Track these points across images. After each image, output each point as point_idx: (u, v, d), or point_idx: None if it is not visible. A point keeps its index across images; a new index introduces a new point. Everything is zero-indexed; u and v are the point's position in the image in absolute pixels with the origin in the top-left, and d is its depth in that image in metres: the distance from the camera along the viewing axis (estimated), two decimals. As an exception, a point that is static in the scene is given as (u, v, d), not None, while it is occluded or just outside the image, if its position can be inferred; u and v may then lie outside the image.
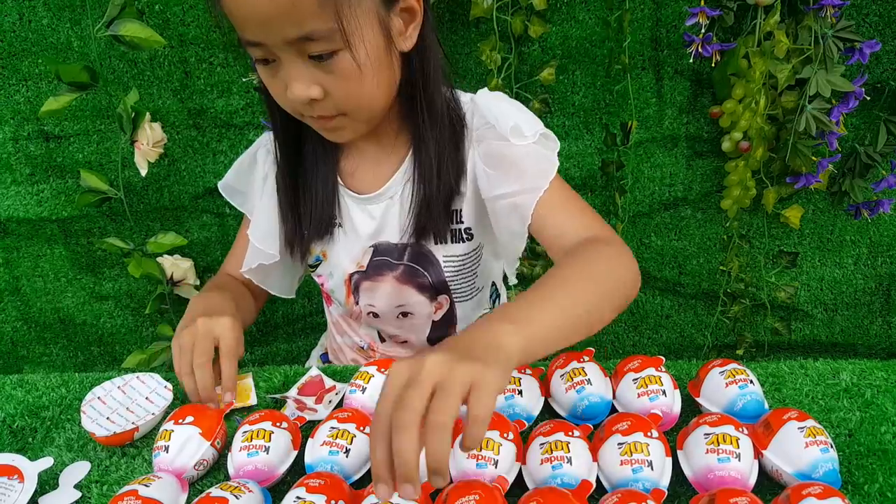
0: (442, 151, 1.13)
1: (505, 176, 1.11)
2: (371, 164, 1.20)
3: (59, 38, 1.51)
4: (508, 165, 1.11)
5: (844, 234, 1.69)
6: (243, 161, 1.28)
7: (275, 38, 0.93)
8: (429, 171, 1.13)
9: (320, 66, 0.96)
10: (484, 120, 1.14)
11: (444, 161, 1.14)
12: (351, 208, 1.21)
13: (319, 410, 1.02)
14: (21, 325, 1.87)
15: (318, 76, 0.97)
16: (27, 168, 1.64)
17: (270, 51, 0.95)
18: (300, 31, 0.91)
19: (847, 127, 1.54)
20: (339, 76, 0.97)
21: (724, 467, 0.79)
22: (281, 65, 0.97)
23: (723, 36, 1.44)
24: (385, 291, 1.24)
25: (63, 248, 1.75)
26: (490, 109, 1.14)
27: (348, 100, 1.01)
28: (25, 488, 0.86)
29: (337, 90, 0.99)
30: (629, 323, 1.86)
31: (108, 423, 0.98)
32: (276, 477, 0.86)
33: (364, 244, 1.22)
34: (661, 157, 1.64)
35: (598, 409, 0.93)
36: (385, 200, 1.19)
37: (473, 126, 1.16)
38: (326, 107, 1.01)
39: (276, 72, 0.99)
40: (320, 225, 1.21)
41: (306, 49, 0.94)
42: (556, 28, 1.50)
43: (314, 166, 1.19)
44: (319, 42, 0.93)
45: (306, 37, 0.92)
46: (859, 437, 0.90)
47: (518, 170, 1.10)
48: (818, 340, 1.84)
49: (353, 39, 0.94)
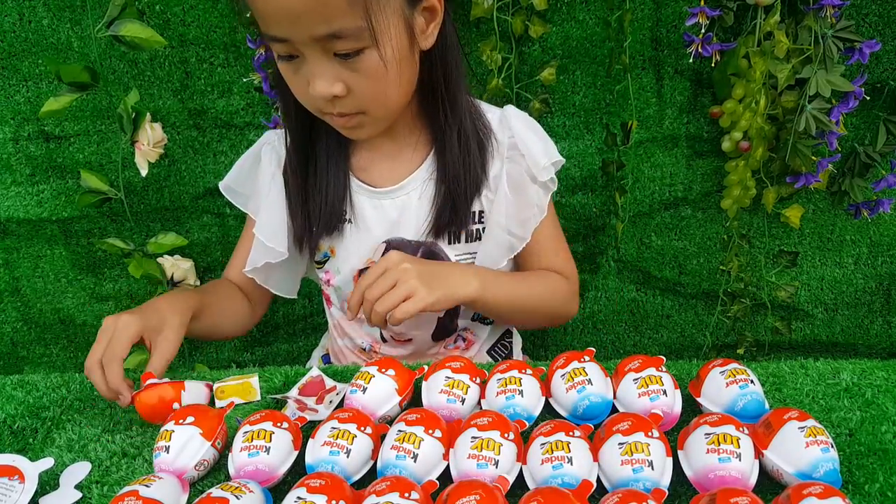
0: (466, 153, 1.16)
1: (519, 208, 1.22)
2: (386, 159, 1.21)
3: (59, 38, 1.51)
4: (526, 202, 1.23)
5: (845, 233, 1.70)
6: (245, 161, 1.29)
7: (302, 35, 0.94)
8: (453, 171, 1.17)
9: (345, 64, 0.98)
10: (514, 141, 1.21)
11: (469, 162, 1.17)
12: (363, 203, 1.22)
13: (320, 411, 1.02)
14: (21, 325, 1.87)
15: (341, 73, 0.99)
16: (27, 168, 1.64)
17: (295, 47, 0.96)
18: (329, 28, 0.93)
19: (847, 126, 1.54)
20: (364, 74, 0.99)
21: (725, 467, 0.79)
22: (304, 61, 0.98)
23: (723, 36, 1.44)
24: None
25: (63, 248, 1.75)
26: (521, 135, 1.21)
27: (370, 97, 1.03)
28: (26, 489, 0.87)
29: (360, 87, 1.01)
30: (630, 323, 1.86)
31: None
32: (277, 477, 0.86)
33: (375, 240, 1.23)
34: (662, 157, 1.64)
35: (598, 409, 0.93)
36: (402, 196, 1.21)
37: (503, 138, 1.21)
38: (348, 104, 1.03)
39: (298, 68, 1.00)
40: (330, 220, 1.22)
41: (333, 46, 0.96)
42: (556, 28, 1.50)
43: (325, 162, 1.20)
44: (347, 40, 0.95)
45: (334, 34, 0.94)
46: (860, 436, 0.90)
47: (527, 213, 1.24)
48: (819, 340, 1.84)
49: (381, 38, 0.96)
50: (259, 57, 1.47)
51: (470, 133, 1.18)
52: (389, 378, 0.99)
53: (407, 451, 0.83)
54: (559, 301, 1.30)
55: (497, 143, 1.21)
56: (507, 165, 1.20)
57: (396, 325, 1.09)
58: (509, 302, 1.21)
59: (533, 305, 1.25)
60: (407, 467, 0.83)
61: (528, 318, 1.32)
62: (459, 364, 1.00)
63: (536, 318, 1.33)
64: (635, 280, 1.80)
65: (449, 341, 1.35)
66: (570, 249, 1.35)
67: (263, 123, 1.59)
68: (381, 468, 0.84)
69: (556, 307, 1.31)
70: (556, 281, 1.30)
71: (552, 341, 1.90)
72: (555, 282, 1.30)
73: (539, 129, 1.25)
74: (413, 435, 0.85)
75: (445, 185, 1.18)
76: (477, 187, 1.20)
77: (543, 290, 1.27)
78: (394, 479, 0.78)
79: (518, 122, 1.22)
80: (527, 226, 1.24)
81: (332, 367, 1.15)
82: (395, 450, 0.84)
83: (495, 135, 1.22)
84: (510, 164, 1.20)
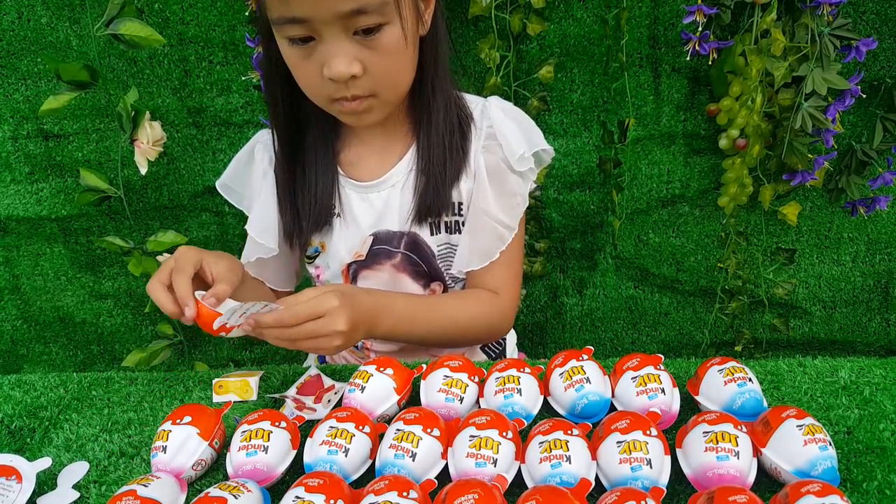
0: (448, 142, 1.18)
1: (499, 197, 1.21)
2: (375, 153, 1.22)
3: (58, 36, 1.51)
4: (506, 191, 1.21)
5: (842, 230, 1.70)
6: (240, 159, 1.29)
7: (325, 13, 0.95)
8: (436, 160, 1.18)
9: (363, 42, 1.00)
10: (493, 131, 1.20)
11: (450, 151, 1.18)
12: (351, 198, 1.22)
13: (318, 410, 1.02)
14: (21, 323, 1.87)
15: (359, 52, 1.00)
16: (26, 167, 1.64)
17: (313, 27, 0.97)
18: (354, 3, 0.94)
19: (844, 124, 1.55)
20: (381, 52, 1.01)
21: (723, 465, 0.79)
22: (321, 43, 0.99)
23: (720, 34, 1.45)
24: (382, 280, 1.26)
25: (63, 246, 1.75)
26: (499, 125, 1.21)
27: (385, 77, 1.05)
28: (24, 489, 0.86)
29: (377, 66, 1.02)
30: (628, 320, 1.87)
31: None
32: (276, 476, 0.86)
33: (364, 234, 1.23)
34: (659, 155, 1.64)
35: (596, 408, 0.93)
36: (387, 188, 1.22)
37: (482, 126, 1.21)
38: (362, 85, 1.04)
39: (311, 52, 1.01)
40: (319, 216, 1.22)
41: (355, 23, 0.97)
42: (554, 26, 1.50)
43: (314, 158, 1.21)
44: (371, 15, 0.97)
45: (359, 9, 0.95)
46: (858, 434, 0.90)
47: (510, 202, 1.22)
48: (817, 338, 1.85)
49: (404, 12, 0.99)
50: (258, 55, 1.47)
51: (452, 120, 1.19)
52: (388, 377, 0.99)
53: (405, 450, 0.83)
54: (483, 324, 1.27)
55: (476, 131, 1.22)
56: (485, 155, 1.21)
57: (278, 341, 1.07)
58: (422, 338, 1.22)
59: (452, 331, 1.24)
60: (405, 466, 0.83)
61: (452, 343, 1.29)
62: (458, 363, 1.00)
63: (462, 340, 1.30)
64: (633, 277, 1.80)
65: None
66: (569, 246, 1.35)
67: (262, 122, 1.59)
68: (380, 467, 0.84)
69: (480, 331, 1.29)
70: (483, 304, 1.26)
71: (550, 339, 1.90)
72: (481, 305, 1.26)
73: (523, 118, 1.25)
74: (411, 434, 0.85)
75: (427, 171, 1.19)
76: (457, 174, 1.21)
77: (468, 315, 1.24)
78: (392, 479, 0.78)
79: (497, 112, 1.23)
80: (511, 214, 1.23)
81: (329, 367, 1.15)
82: (394, 449, 0.84)
83: (475, 123, 1.22)
84: (487, 154, 1.21)
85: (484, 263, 1.24)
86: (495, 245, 1.23)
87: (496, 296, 1.27)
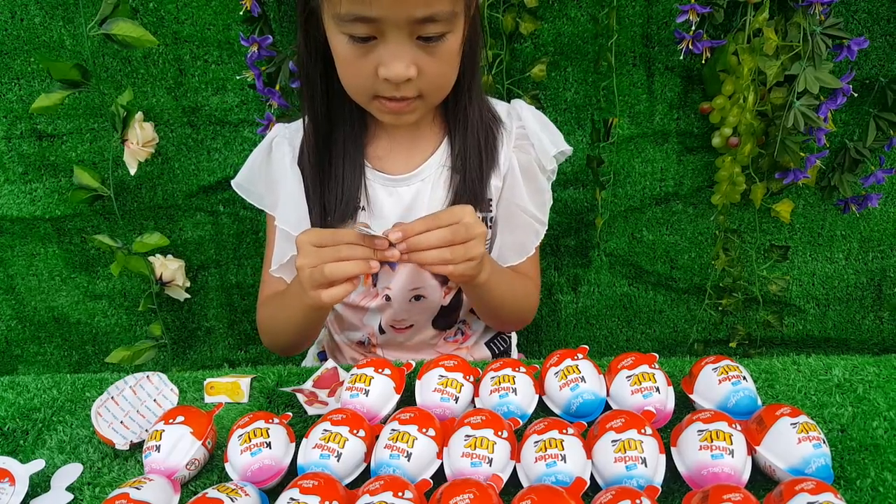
0: (481, 140, 1.21)
1: (532, 194, 1.25)
2: (404, 148, 1.24)
3: (51, 36, 1.51)
4: (537, 188, 1.25)
5: (835, 228, 1.70)
6: (257, 157, 1.28)
7: (399, 16, 0.96)
8: (472, 158, 1.21)
9: (424, 48, 1.01)
10: (524, 131, 1.25)
11: (483, 149, 1.21)
12: (378, 191, 1.23)
13: (331, 403, 1.02)
14: (15, 324, 1.86)
15: (417, 56, 1.02)
16: (20, 167, 1.64)
17: (380, 28, 0.98)
18: (428, 10, 0.96)
19: (836, 123, 1.55)
20: (438, 58, 1.03)
21: (718, 464, 0.79)
22: (382, 43, 1.00)
23: (713, 33, 1.45)
24: (403, 274, 1.26)
25: (57, 246, 1.75)
26: (530, 126, 1.25)
27: (436, 81, 1.07)
28: (17, 491, 0.86)
29: (431, 71, 1.04)
30: (622, 318, 1.87)
31: (123, 428, 0.98)
32: (284, 469, 0.87)
33: (388, 226, 1.23)
34: (652, 153, 1.64)
35: (592, 407, 0.93)
36: (416, 183, 1.23)
37: (512, 128, 1.25)
38: (413, 87, 1.05)
39: (369, 51, 1.02)
40: (345, 210, 1.22)
41: (422, 29, 0.99)
42: (547, 25, 1.50)
43: (342, 153, 1.22)
44: (439, 24, 0.98)
45: (431, 17, 0.97)
46: (851, 432, 0.90)
47: (541, 199, 1.27)
48: (811, 335, 1.85)
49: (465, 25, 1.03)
50: (252, 55, 1.46)
51: (483, 121, 1.22)
52: (387, 377, 0.99)
53: (400, 451, 0.84)
54: (528, 305, 1.34)
55: (506, 133, 1.25)
56: (518, 154, 1.24)
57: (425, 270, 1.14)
58: (500, 294, 1.22)
59: (511, 302, 1.27)
60: (401, 466, 0.83)
61: (504, 313, 1.31)
62: (453, 363, 1.00)
63: (511, 316, 1.33)
64: (627, 274, 1.80)
65: (449, 333, 1.36)
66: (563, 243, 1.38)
67: (257, 121, 1.59)
68: (375, 467, 0.85)
69: (525, 310, 1.34)
70: (528, 284, 1.32)
71: (545, 336, 1.90)
72: (529, 286, 1.33)
73: (546, 120, 1.29)
74: (407, 434, 0.85)
75: (462, 171, 1.21)
76: (489, 171, 1.24)
77: (523, 291, 1.29)
78: (388, 479, 0.78)
79: (528, 114, 1.26)
80: (543, 210, 1.27)
81: (345, 365, 1.14)
82: (389, 449, 0.84)
83: (504, 125, 1.25)
84: (520, 153, 1.24)
85: (521, 258, 1.28)
86: (531, 240, 1.28)
87: (535, 285, 1.34)
